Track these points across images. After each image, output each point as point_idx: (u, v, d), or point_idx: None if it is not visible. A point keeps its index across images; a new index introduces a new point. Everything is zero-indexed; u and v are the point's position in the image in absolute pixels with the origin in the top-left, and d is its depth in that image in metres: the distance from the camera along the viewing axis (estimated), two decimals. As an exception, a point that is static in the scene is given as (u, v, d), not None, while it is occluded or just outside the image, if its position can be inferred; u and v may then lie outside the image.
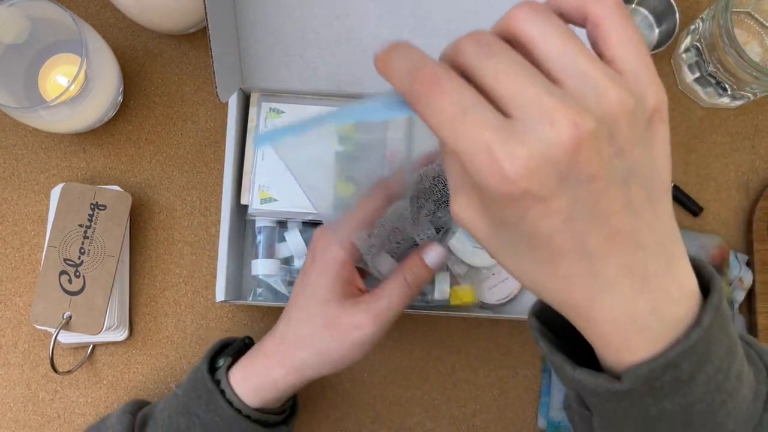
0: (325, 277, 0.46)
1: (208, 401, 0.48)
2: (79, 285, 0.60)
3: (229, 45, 0.57)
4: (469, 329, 0.65)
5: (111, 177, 0.66)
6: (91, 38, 0.58)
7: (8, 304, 0.65)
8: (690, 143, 0.68)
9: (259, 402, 0.48)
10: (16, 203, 0.66)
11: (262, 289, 0.63)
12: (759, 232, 0.65)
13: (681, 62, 0.67)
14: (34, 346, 0.64)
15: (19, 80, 0.63)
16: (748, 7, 0.65)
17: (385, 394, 0.65)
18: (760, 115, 0.69)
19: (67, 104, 0.57)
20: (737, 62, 0.59)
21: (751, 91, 0.63)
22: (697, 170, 0.68)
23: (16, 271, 0.65)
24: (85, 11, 0.68)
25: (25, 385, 0.64)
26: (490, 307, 0.64)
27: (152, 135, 0.67)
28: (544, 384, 0.64)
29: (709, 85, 0.66)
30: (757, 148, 0.68)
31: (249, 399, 0.48)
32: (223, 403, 0.48)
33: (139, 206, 0.66)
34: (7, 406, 0.63)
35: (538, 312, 0.35)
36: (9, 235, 0.66)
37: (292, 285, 0.61)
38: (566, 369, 0.31)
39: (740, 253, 0.66)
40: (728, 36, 0.58)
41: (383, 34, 0.59)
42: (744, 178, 0.68)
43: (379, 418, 0.64)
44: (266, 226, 0.62)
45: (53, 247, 0.60)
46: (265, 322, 0.65)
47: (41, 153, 0.67)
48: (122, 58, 0.67)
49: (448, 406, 0.65)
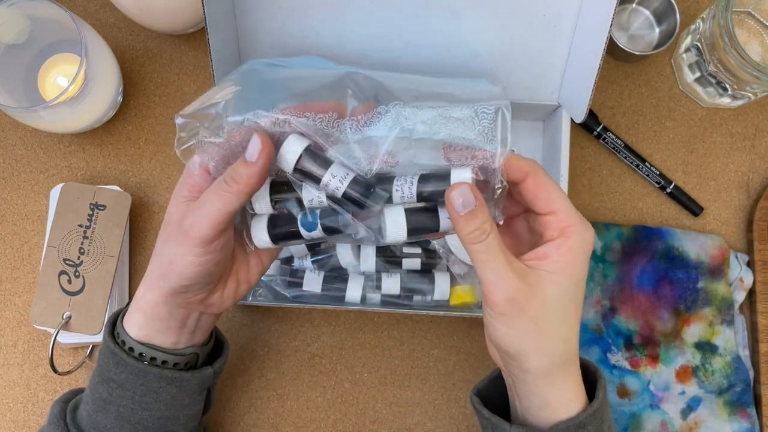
0: (173, 200, 0.46)
1: (116, 363, 0.47)
2: (78, 285, 0.60)
3: (228, 45, 0.57)
4: (469, 329, 0.65)
5: (111, 177, 0.66)
6: (91, 38, 0.58)
7: (8, 304, 0.65)
8: (690, 143, 0.68)
9: (146, 338, 0.48)
10: (15, 203, 0.66)
11: (262, 289, 0.63)
12: (759, 232, 0.65)
13: (681, 62, 0.67)
14: (33, 347, 0.64)
15: (19, 80, 0.63)
16: (748, 7, 0.65)
17: (385, 394, 0.65)
18: (760, 115, 0.69)
19: (67, 104, 0.57)
20: (738, 62, 0.59)
21: (752, 90, 0.63)
22: (697, 170, 0.68)
23: (16, 271, 0.65)
24: (85, 11, 0.68)
25: (24, 385, 0.64)
26: (490, 307, 0.64)
27: (152, 135, 0.67)
28: (544, 384, 0.64)
29: (710, 85, 0.66)
30: (757, 148, 0.68)
31: (142, 339, 0.48)
32: (130, 359, 0.47)
33: (139, 206, 0.66)
34: (7, 406, 0.63)
35: (478, 392, 0.48)
36: (9, 235, 0.66)
37: (292, 285, 0.61)
38: (503, 426, 0.44)
39: (740, 253, 0.66)
40: (729, 36, 0.58)
41: (383, 35, 0.59)
42: (744, 178, 0.68)
43: (379, 418, 0.64)
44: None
45: (53, 247, 0.60)
46: (265, 322, 0.65)
47: (41, 153, 0.67)
48: (122, 58, 0.67)
49: (448, 406, 0.65)
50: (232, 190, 0.42)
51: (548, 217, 0.42)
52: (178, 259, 0.44)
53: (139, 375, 0.47)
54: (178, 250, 0.44)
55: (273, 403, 0.64)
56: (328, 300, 0.61)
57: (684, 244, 0.65)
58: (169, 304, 0.47)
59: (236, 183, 0.42)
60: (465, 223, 0.40)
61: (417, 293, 0.61)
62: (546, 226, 0.42)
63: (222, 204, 0.42)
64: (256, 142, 0.42)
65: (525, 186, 0.42)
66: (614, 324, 0.64)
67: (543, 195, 0.42)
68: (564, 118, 0.61)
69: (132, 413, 0.48)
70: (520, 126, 0.67)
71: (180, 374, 0.48)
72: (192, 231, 0.43)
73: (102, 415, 0.48)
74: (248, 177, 0.42)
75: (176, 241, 0.44)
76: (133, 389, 0.47)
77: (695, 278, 0.64)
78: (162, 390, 0.48)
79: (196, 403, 0.51)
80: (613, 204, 0.67)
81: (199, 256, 0.44)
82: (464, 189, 0.40)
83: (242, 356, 0.65)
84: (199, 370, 0.50)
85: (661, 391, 0.63)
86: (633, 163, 0.67)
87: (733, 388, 0.63)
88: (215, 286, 0.48)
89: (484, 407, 0.46)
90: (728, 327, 0.64)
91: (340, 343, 0.65)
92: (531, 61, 0.60)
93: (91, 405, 0.49)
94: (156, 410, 0.48)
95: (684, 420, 0.63)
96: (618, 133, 0.68)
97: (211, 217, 0.42)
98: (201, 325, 0.50)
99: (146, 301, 0.47)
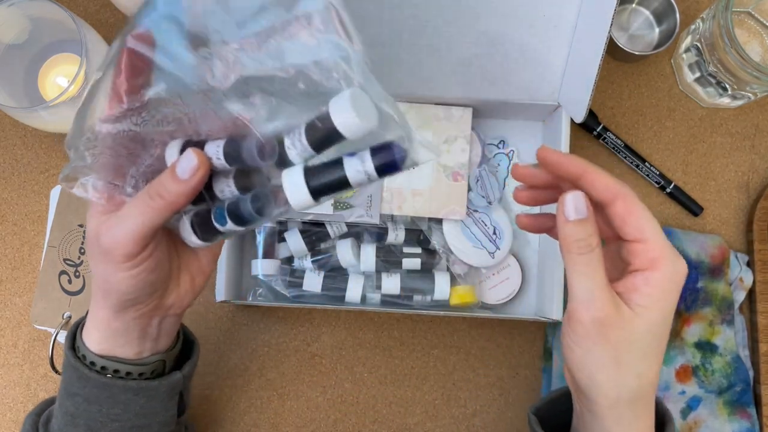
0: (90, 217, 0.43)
1: (78, 377, 0.46)
2: (78, 285, 0.60)
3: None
4: (469, 329, 0.66)
5: (111, 177, 0.66)
6: (91, 38, 0.58)
7: (8, 304, 0.65)
8: (690, 143, 0.68)
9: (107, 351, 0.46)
10: (16, 203, 0.66)
11: (262, 289, 0.63)
12: (759, 232, 0.65)
13: (681, 62, 0.67)
14: (33, 346, 0.64)
15: (19, 80, 0.63)
16: (748, 7, 0.65)
17: (385, 394, 0.65)
18: (760, 115, 0.69)
19: (67, 104, 0.57)
20: (737, 62, 0.59)
21: (752, 90, 0.63)
22: (697, 170, 0.68)
23: (16, 271, 0.65)
24: (85, 11, 0.68)
25: (24, 385, 0.64)
26: (490, 307, 0.64)
27: (152, 135, 0.67)
28: (544, 384, 0.64)
29: (710, 85, 0.66)
30: (757, 148, 0.68)
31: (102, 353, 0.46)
32: (92, 374, 0.45)
33: (139, 206, 0.66)
34: (7, 406, 0.63)
35: (536, 411, 0.47)
36: (9, 235, 0.66)
37: (292, 285, 0.61)
38: None
39: (740, 253, 0.66)
40: (728, 36, 0.58)
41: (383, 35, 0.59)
42: (744, 178, 0.68)
43: (379, 418, 0.64)
44: (266, 226, 0.62)
45: (53, 247, 0.60)
46: (265, 322, 0.65)
47: (41, 153, 0.67)
48: (122, 58, 0.67)
49: (448, 406, 0.65)
50: (156, 205, 0.39)
51: (637, 245, 0.39)
52: (110, 276, 0.42)
53: (104, 388, 0.45)
54: (106, 268, 0.41)
55: (273, 403, 0.64)
56: (328, 300, 0.61)
57: (684, 243, 0.65)
58: (122, 319, 0.45)
59: (162, 198, 0.39)
60: (574, 229, 0.38)
61: (417, 293, 0.61)
62: (634, 255, 0.40)
63: (144, 218, 0.40)
64: (191, 159, 0.38)
65: (614, 209, 0.40)
66: (614, 324, 0.64)
67: (633, 220, 0.39)
68: (564, 118, 0.61)
69: (102, 426, 0.46)
70: (520, 126, 0.67)
71: (146, 383, 0.46)
72: (114, 249, 0.40)
73: (71, 429, 0.47)
74: (177, 195, 0.39)
75: (100, 260, 0.42)
76: (99, 403, 0.46)
77: (695, 278, 0.64)
78: (129, 401, 0.46)
79: (168, 408, 0.49)
80: (613, 204, 0.67)
81: (128, 270, 0.41)
82: (578, 195, 0.39)
83: (242, 356, 0.65)
84: (167, 376, 0.48)
85: (661, 390, 0.63)
86: (633, 163, 0.67)
87: (733, 388, 0.63)
88: (166, 290, 0.45)
89: (541, 428, 0.46)
90: (728, 327, 0.64)
91: (340, 343, 0.65)
92: (531, 61, 0.60)
93: (60, 419, 0.47)
94: (126, 420, 0.47)
95: (684, 420, 0.63)
96: (618, 133, 0.68)
97: (134, 232, 0.40)
98: (164, 330, 0.47)
99: (99, 320, 0.45)
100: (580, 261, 0.38)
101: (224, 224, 0.41)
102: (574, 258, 0.39)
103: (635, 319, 0.39)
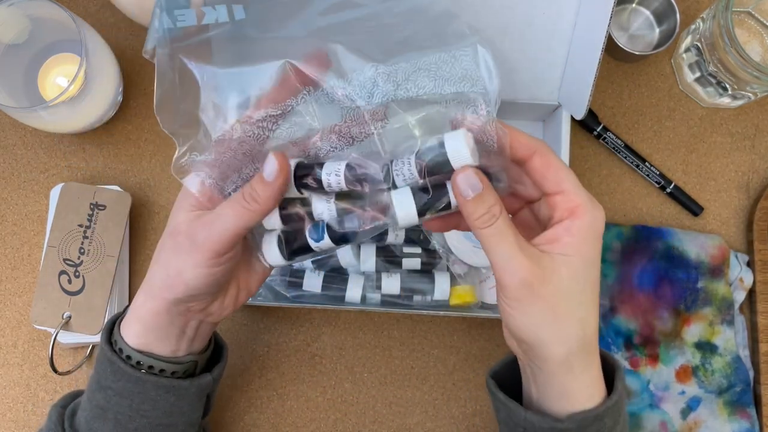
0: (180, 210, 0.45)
1: (113, 371, 0.47)
2: (78, 285, 0.60)
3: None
4: (469, 329, 0.65)
5: (111, 177, 0.66)
6: (91, 38, 0.58)
7: (8, 304, 0.65)
8: (690, 143, 0.68)
9: (144, 346, 0.47)
10: (15, 203, 0.66)
11: (262, 289, 0.63)
12: (759, 232, 0.65)
13: (681, 62, 0.67)
14: (33, 347, 0.64)
15: (19, 80, 0.63)
16: (748, 7, 0.65)
17: (385, 394, 0.65)
18: (760, 115, 0.69)
19: (67, 104, 0.57)
20: (738, 62, 0.59)
21: (752, 90, 0.63)
22: (697, 170, 0.68)
23: (16, 271, 0.65)
24: (85, 11, 0.68)
25: (24, 385, 0.64)
26: (490, 307, 0.64)
27: (152, 135, 0.67)
28: (544, 384, 0.64)
29: (710, 85, 0.66)
30: (757, 148, 0.68)
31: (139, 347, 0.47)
32: (128, 368, 0.46)
33: (139, 206, 0.66)
34: (7, 406, 0.63)
35: (494, 374, 0.47)
36: (8, 235, 0.66)
37: (292, 285, 0.61)
38: (518, 411, 0.43)
39: (740, 254, 0.66)
40: (729, 36, 0.58)
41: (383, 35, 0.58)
42: (744, 178, 0.68)
43: (379, 418, 0.64)
44: (266, 226, 0.62)
45: (53, 247, 0.60)
46: (265, 322, 0.65)
47: (41, 153, 0.67)
48: (122, 58, 0.67)
49: (448, 406, 0.65)
50: (250, 207, 0.42)
51: (556, 197, 0.40)
52: (188, 269, 0.44)
53: (137, 383, 0.47)
54: (189, 260, 0.43)
55: (273, 403, 0.64)
56: (328, 300, 0.61)
57: (684, 243, 0.65)
58: (171, 313, 0.46)
59: (255, 201, 0.42)
60: (473, 207, 0.39)
61: (417, 293, 0.61)
62: (554, 207, 0.41)
63: (238, 220, 0.42)
64: (273, 163, 0.41)
65: (532, 164, 0.41)
66: (614, 324, 0.64)
67: (551, 174, 0.40)
68: (564, 117, 0.61)
69: (130, 420, 0.48)
70: (520, 126, 0.66)
71: (178, 383, 0.48)
72: (206, 244, 0.43)
73: (100, 422, 0.48)
74: (266, 198, 0.42)
75: (187, 252, 0.44)
76: (131, 397, 0.47)
77: (695, 278, 0.64)
78: (160, 398, 0.47)
79: (195, 410, 0.50)
80: (613, 204, 0.67)
81: (210, 267, 0.43)
82: (469, 172, 0.39)
83: (242, 356, 0.65)
84: (198, 377, 0.49)
85: (660, 391, 0.63)
86: (633, 163, 0.67)
87: (733, 388, 0.63)
88: (217, 296, 0.48)
89: (500, 390, 0.46)
90: (728, 327, 0.64)
91: (340, 343, 0.65)
92: (530, 61, 0.60)
93: (88, 412, 0.48)
94: (154, 417, 0.48)
95: (684, 420, 0.63)
96: (618, 133, 0.68)
97: (228, 231, 0.42)
98: (200, 333, 0.49)
99: (146, 310, 0.47)
100: (490, 232, 0.39)
101: (320, 240, 0.44)
102: (484, 232, 0.39)
103: (560, 268, 0.39)
